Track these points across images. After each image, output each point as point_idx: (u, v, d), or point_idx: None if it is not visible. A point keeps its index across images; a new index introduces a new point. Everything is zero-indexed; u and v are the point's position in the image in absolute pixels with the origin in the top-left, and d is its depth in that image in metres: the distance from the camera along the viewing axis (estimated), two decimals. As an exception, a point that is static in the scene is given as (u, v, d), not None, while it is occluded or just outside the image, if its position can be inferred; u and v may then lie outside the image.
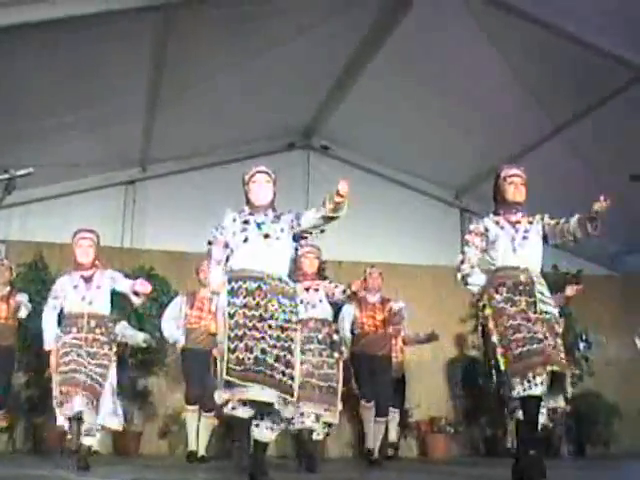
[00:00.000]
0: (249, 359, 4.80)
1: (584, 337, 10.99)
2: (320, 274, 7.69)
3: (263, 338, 4.88)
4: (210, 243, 5.36)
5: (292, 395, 4.88)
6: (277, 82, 9.51)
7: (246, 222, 5.28)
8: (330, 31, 8.48)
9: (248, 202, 5.44)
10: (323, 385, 6.97)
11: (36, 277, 9.86)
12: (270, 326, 4.92)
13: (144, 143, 10.37)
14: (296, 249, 7.14)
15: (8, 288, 8.45)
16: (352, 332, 8.41)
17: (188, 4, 7.47)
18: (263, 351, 4.83)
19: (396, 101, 10.00)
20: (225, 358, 4.83)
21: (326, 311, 7.41)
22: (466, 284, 5.64)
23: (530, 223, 5.68)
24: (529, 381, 5.20)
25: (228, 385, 4.82)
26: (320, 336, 7.08)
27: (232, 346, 4.85)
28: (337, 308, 8.15)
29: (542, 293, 5.46)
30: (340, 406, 7.21)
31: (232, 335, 4.88)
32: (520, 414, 5.37)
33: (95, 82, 8.33)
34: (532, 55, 8.45)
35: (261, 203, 5.37)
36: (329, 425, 7.28)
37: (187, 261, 9.68)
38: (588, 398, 10.80)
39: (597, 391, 10.92)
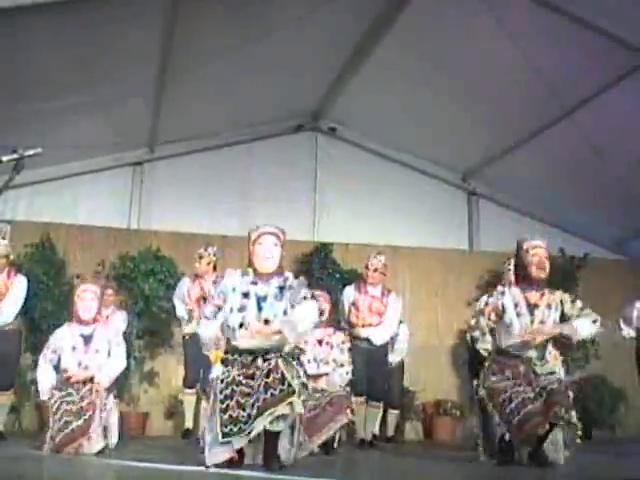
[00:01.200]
0: (242, 417, 4.69)
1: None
2: (332, 319, 7.60)
3: (252, 392, 4.74)
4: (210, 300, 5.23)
5: (293, 393, 4.70)
6: (285, 64, 9.47)
7: (246, 295, 5.08)
8: (338, 13, 8.44)
9: (250, 264, 5.19)
10: (334, 400, 6.96)
11: (43, 257, 9.88)
12: (266, 383, 4.73)
13: (152, 124, 10.36)
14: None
15: (7, 268, 8.24)
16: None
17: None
18: (253, 405, 4.68)
19: (404, 83, 9.96)
20: (218, 421, 4.73)
21: (340, 377, 7.26)
22: (474, 347, 5.79)
23: (549, 307, 5.66)
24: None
25: (226, 443, 4.73)
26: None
27: (223, 406, 4.76)
28: None
29: (543, 373, 5.57)
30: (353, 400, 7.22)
31: (222, 396, 4.79)
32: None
33: (103, 63, 8.30)
34: (541, 38, 8.40)
35: (266, 270, 5.13)
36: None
37: (194, 242, 9.69)
38: (594, 382, 10.83)
39: (603, 375, 10.94)
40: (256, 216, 9.52)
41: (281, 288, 5.10)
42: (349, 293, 8.45)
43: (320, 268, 10.53)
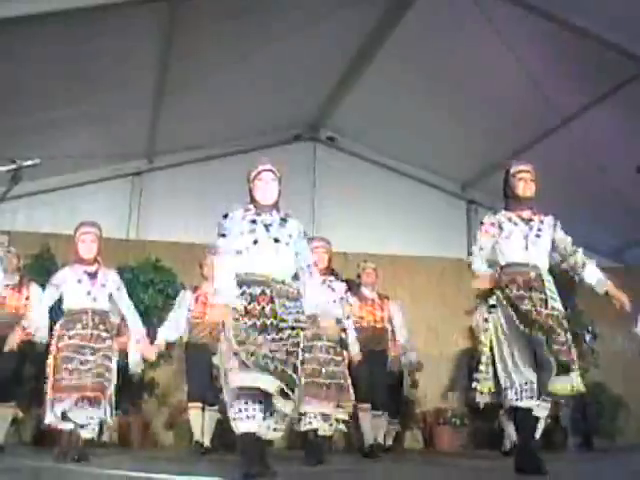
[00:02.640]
0: (250, 362, 4.76)
1: (590, 329, 10.98)
2: (329, 268, 7.59)
3: (264, 345, 4.83)
4: (222, 236, 5.22)
5: (293, 388, 4.84)
6: (284, 74, 9.50)
7: (253, 222, 5.21)
8: (337, 23, 8.48)
9: (252, 200, 5.34)
10: (331, 382, 6.88)
11: (42, 268, 9.86)
12: (280, 329, 4.90)
13: (150, 135, 10.38)
14: None
15: (17, 277, 8.32)
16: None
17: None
18: (265, 356, 4.79)
19: (402, 93, 10.00)
20: (239, 352, 4.79)
21: (336, 309, 7.33)
22: (469, 267, 5.67)
23: (542, 222, 5.67)
24: (521, 391, 5.27)
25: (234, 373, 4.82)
26: (329, 333, 6.99)
27: (237, 349, 4.82)
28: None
29: (551, 290, 5.47)
30: (353, 399, 7.15)
31: (236, 341, 4.84)
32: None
33: (102, 75, 8.33)
34: (539, 48, 8.44)
35: (267, 202, 5.27)
36: (343, 421, 7.16)
37: (193, 253, 9.67)
38: (594, 390, 10.82)
39: (603, 383, 10.93)
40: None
41: (283, 219, 5.27)
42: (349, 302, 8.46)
43: (319, 278, 10.50)
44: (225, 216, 5.28)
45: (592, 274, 5.65)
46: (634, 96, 8.61)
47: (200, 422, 8.52)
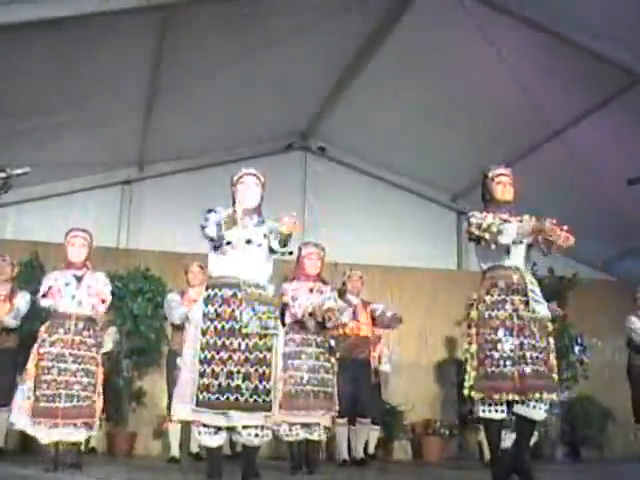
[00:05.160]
0: (213, 386, 4.77)
1: (579, 340, 10.99)
2: (320, 275, 7.56)
3: (230, 358, 4.82)
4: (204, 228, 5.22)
5: (269, 410, 4.84)
6: (275, 83, 9.50)
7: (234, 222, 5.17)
8: (329, 32, 8.47)
9: (234, 204, 5.34)
10: (319, 390, 6.82)
11: (31, 276, 9.81)
12: (246, 335, 4.87)
13: (141, 143, 10.37)
14: (300, 248, 7.13)
15: (10, 286, 8.21)
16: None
17: (185, 5, 7.47)
18: (229, 374, 4.78)
19: (394, 104, 10.01)
20: (196, 383, 4.81)
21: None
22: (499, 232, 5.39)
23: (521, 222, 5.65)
24: (490, 405, 5.25)
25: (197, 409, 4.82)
26: (319, 339, 6.95)
27: (201, 369, 4.82)
28: None
29: (533, 292, 5.45)
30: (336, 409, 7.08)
31: (202, 357, 4.85)
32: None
33: (93, 82, 8.32)
34: (531, 59, 8.46)
35: (247, 206, 5.25)
36: (327, 429, 7.10)
37: (183, 262, 9.64)
38: (582, 402, 10.84)
39: (591, 395, 10.94)
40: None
41: (260, 222, 5.27)
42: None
43: (309, 287, 10.49)
44: (209, 210, 5.28)
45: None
46: (625, 107, 8.65)
47: (178, 438, 8.46)
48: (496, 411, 5.24)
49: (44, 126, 8.85)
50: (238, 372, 4.79)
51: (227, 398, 4.75)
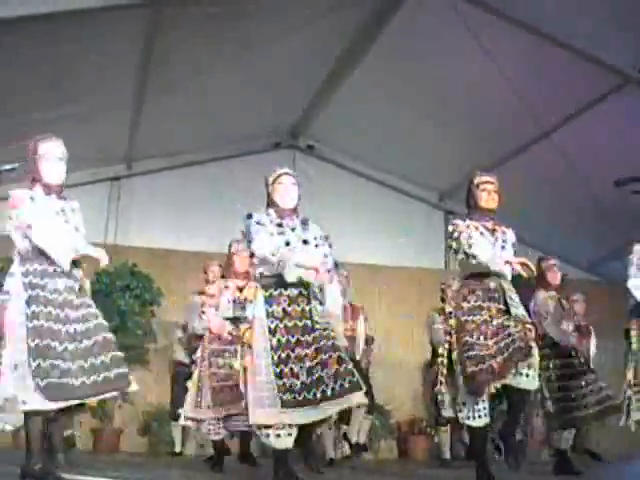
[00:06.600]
0: (296, 385, 4.76)
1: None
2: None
3: (306, 355, 4.84)
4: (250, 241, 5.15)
5: (361, 388, 4.84)
6: (264, 81, 9.49)
7: (280, 225, 5.19)
8: (318, 31, 8.49)
9: (271, 204, 5.32)
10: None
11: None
12: (314, 330, 4.92)
13: (130, 140, 10.34)
14: (229, 245, 7.06)
15: None
16: None
17: (175, 2, 7.47)
18: (310, 370, 4.80)
19: (383, 102, 10.02)
20: (274, 386, 4.79)
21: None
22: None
23: (504, 234, 5.67)
24: (474, 410, 5.28)
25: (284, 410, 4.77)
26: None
27: (277, 371, 4.81)
28: None
29: (512, 298, 5.47)
30: None
31: (276, 358, 4.84)
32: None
33: (81, 78, 8.29)
34: (519, 59, 8.49)
35: (289, 206, 5.29)
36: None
37: (171, 258, 9.67)
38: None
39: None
40: (233, 233, 9.47)
41: (304, 223, 5.33)
42: None
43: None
44: (250, 216, 5.22)
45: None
46: (615, 108, 8.69)
47: (181, 437, 8.45)
48: (479, 417, 5.26)
49: (33, 122, 8.79)
50: (317, 364, 4.80)
51: (314, 393, 4.74)
